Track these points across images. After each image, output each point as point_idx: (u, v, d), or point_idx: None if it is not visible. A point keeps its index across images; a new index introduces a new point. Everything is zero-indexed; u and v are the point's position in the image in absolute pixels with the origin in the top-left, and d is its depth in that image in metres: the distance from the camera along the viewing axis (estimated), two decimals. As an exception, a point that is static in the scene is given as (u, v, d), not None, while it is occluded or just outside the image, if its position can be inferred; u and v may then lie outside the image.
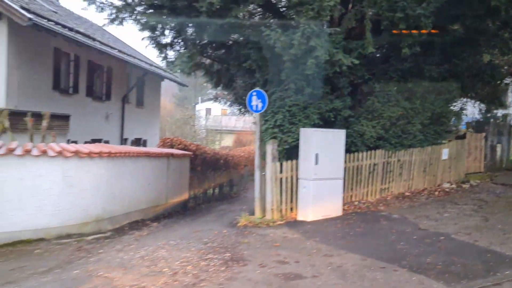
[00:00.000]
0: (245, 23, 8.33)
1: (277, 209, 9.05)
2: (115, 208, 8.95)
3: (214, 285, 5.48)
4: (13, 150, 7.20)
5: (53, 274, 5.88)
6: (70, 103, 16.02)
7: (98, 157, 8.27)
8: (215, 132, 46.02)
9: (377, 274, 5.94)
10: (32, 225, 7.39)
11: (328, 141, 8.97)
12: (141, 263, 6.26)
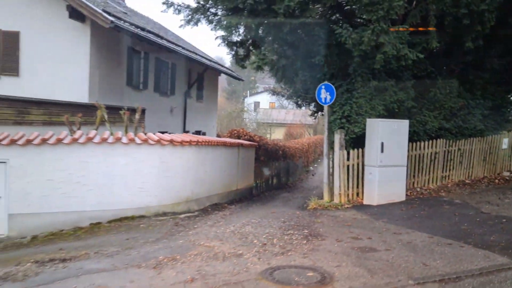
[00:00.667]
0: (318, 22, 9.08)
1: (345, 193, 9.79)
2: (200, 191, 9.99)
3: (300, 254, 6.33)
4: (119, 139, 8.35)
5: (162, 243, 6.94)
6: (140, 98, 17.28)
7: (188, 145, 9.33)
8: (266, 125, 46.90)
9: (445, 249, 6.59)
10: (135, 203, 8.54)
11: (392, 130, 9.60)
12: (233, 236, 7.21)
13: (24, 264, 5.96)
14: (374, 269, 5.71)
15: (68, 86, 13.43)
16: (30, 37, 14.01)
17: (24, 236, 7.82)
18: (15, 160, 8.02)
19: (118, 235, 7.51)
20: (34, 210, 8.07)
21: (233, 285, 5.10)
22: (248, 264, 5.83)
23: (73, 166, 8.31)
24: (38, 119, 10.01)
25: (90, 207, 8.32)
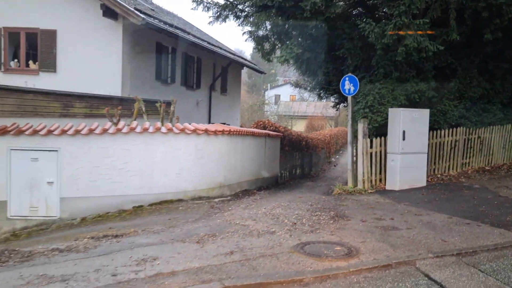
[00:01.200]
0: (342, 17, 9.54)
1: (368, 179, 10.29)
2: (232, 177, 10.64)
3: (327, 232, 6.91)
4: (159, 129, 9.05)
5: (201, 222, 7.60)
6: (168, 91, 17.98)
7: (221, 134, 9.99)
8: (287, 117, 47.36)
9: (463, 227, 7.09)
10: (174, 188, 9.24)
11: (413, 119, 10.05)
12: (265, 217, 7.83)
13: (82, 239, 6.69)
14: (396, 244, 6.26)
15: (101, 80, 14.17)
16: (66, 35, 14.80)
17: (74, 218, 8.59)
18: (65, 148, 8.78)
19: (160, 216, 8.21)
20: (83, 194, 8.84)
21: (268, 256, 5.72)
22: (280, 240, 6.44)
23: (117, 154, 9.05)
24: (80, 111, 10.77)
25: (133, 191, 9.05)
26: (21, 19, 15.04)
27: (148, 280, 4.89)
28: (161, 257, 5.65)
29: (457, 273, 5.29)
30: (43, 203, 8.64)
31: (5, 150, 8.52)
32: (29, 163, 8.59)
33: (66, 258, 5.74)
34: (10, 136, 8.54)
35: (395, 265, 5.58)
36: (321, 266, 5.44)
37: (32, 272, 5.18)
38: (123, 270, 5.20)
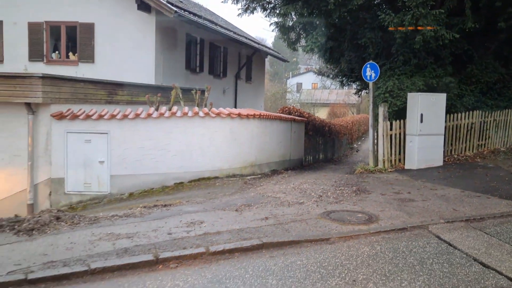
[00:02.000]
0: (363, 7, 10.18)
1: (388, 159, 11.02)
2: (262, 158, 11.51)
3: (350, 203, 7.72)
4: (197, 114, 9.97)
5: (237, 195, 8.51)
6: (197, 80, 18.91)
7: (252, 118, 10.87)
8: (309, 105, 47.90)
9: (473, 199, 7.82)
10: (210, 167, 10.17)
11: (431, 103, 10.70)
12: (294, 191, 8.69)
13: (135, 208, 7.66)
14: (412, 212, 7.05)
15: (136, 70, 15.16)
16: (103, 28, 15.83)
17: (122, 193, 9.60)
18: (114, 131, 9.77)
19: (200, 191, 9.15)
20: (130, 172, 9.83)
21: (298, 221, 6.58)
22: (309, 209, 7.29)
23: (160, 136, 10.01)
24: (123, 98, 11.75)
25: (174, 170, 10.00)
26: (62, 13, 16.12)
27: (198, 238, 5.82)
28: (207, 221, 6.57)
29: (464, 234, 6.07)
30: (95, 180, 9.68)
31: (62, 133, 9.57)
32: (83, 145, 9.63)
33: (127, 221, 6.72)
34: (66, 120, 9.58)
35: (410, 228, 6.37)
36: (345, 229, 6.28)
37: (101, 231, 6.17)
38: (176, 230, 6.14)
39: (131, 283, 4.66)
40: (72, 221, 6.62)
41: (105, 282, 4.74)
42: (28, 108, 9.48)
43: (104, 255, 5.25)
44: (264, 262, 5.18)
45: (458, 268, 4.94)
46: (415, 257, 5.26)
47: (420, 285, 4.51)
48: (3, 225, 6.23)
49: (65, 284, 4.71)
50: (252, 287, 4.50)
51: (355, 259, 5.23)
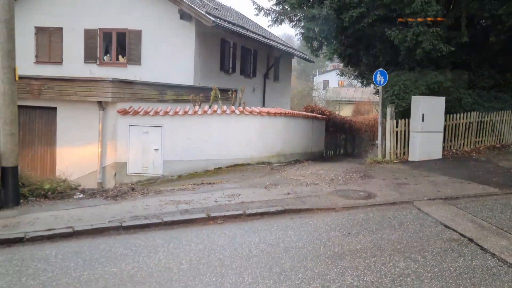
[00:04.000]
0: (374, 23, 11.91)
1: (394, 152, 12.77)
2: (286, 149, 13.47)
3: (356, 185, 9.59)
4: (234, 111, 12.03)
5: (265, 177, 10.49)
6: (230, 80, 20.89)
7: (279, 115, 12.85)
8: (335, 102, 49.26)
9: (456, 184, 9.57)
10: (243, 155, 12.19)
11: (431, 104, 12.38)
12: (311, 175, 10.61)
13: (187, 185, 9.75)
14: (404, 192, 8.88)
15: (177, 72, 16.99)
16: (149, 34, 17.89)
17: (173, 175, 11.71)
18: (167, 125, 11.87)
19: (235, 173, 11.19)
20: (179, 158, 11.92)
21: (313, 196, 8.51)
22: (322, 188, 9.22)
23: (203, 129, 12.06)
24: (170, 97, 13.86)
25: (214, 157, 12.02)
26: (113, 22, 18.28)
27: (237, 204, 7.83)
28: (243, 194, 8.58)
29: (439, 208, 7.87)
30: (151, 164, 11.82)
31: (126, 126, 11.72)
32: (142, 135, 11.76)
33: (183, 193, 8.80)
34: (129, 116, 11.74)
35: (399, 203, 8.20)
36: (348, 202, 8.18)
37: (165, 199, 8.25)
38: (220, 199, 8.16)
39: (192, 231, 6.71)
40: (143, 191, 8.75)
41: (174, 230, 6.79)
42: (99, 106, 11.68)
43: (171, 213, 7.32)
44: (285, 221, 7.16)
45: (427, 228, 6.80)
46: (397, 221, 7.14)
47: (396, 236, 6.40)
48: (95, 193, 8.41)
49: (146, 230, 6.78)
50: (276, 235, 6.48)
51: (352, 221, 7.15)
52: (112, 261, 5.61)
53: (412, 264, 5.43)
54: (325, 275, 5.14)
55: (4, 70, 7.30)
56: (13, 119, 7.52)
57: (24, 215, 7.31)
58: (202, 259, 5.64)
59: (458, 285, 4.88)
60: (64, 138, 12.07)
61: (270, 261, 5.56)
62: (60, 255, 5.83)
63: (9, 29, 7.26)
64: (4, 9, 7.14)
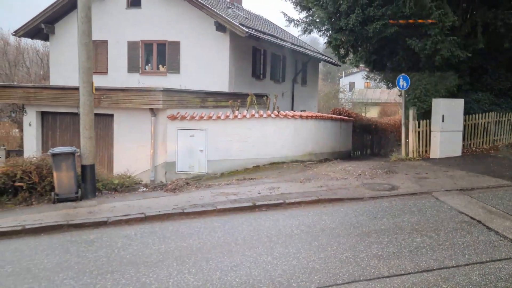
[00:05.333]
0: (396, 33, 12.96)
1: (416, 150, 13.78)
2: (317, 149, 14.64)
3: (381, 179, 10.70)
4: (269, 115, 13.34)
5: (299, 173, 11.70)
6: (261, 85, 22.15)
7: (310, 118, 14.08)
8: (361, 104, 49.83)
9: (472, 178, 10.58)
10: (278, 154, 13.43)
11: (451, 106, 13.36)
12: (340, 171, 11.76)
13: (231, 181, 11.08)
14: (423, 184, 9.96)
15: (213, 79, 18.23)
16: (187, 45, 19.27)
17: (216, 173, 13.05)
18: (210, 128, 13.22)
19: (272, 171, 12.46)
20: (221, 157, 13.26)
21: (343, 189, 9.69)
22: (350, 182, 10.38)
23: (242, 132, 13.35)
24: (211, 103, 15.23)
25: (252, 156, 13.29)
26: (154, 34, 19.78)
27: (278, 195, 9.07)
28: (281, 187, 9.84)
29: (455, 197, 8.94)
30: (197, 163, 13.20)
31: (174, 130, 13.14)
32: (188, 138, 13.15)
33: (229, 187, 10.12)
34: (177, 121, 13.16)
35: (419, 193, 9.27)
36: (373, 193, 9.31)
37: (216, 191, 9.57)
38: (262, 191, 9.43)
39: (241, 217, 7.98)
40: (195, 185, 10.12)
41: (226, 216, 8.09)
42: (151, 112, 13.14)
43: (222, 202, 8.62)
44: (319, 209, 8.37)
45: (442, 213, 7.91)
46: (416, 207, 8.26)
47: (415, 219, 7.53)
48: (156, 187, 9.83)
49: (204, 216, 8.08)
50: (313, 219, 7.69)
51: (377, 208, 8.32)
52: (181, 238, 6.96)
53: (427, 239, 6.56)
54: (354, 247, 6.34)
55: (84, 84, 8.77)
56: (91, 125, 8.99)
57: (102, 204, 8.76)
58: (254, 236, 6.93)
59: (464, 254, 6.00)
60: (120, 141, 13.60)
61: (309, 238, 6.80)
62: (138, 234, 7.21)
63: (88, 51, 8.72)
64: (84, 35, 8.61)
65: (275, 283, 5.26)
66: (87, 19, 8.53)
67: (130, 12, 20.18)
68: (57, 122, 14.93)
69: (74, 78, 19.23)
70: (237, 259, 6.05)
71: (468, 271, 5.47)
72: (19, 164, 9.14)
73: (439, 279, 5.25)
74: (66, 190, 8.83)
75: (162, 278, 5.53)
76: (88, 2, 8.55)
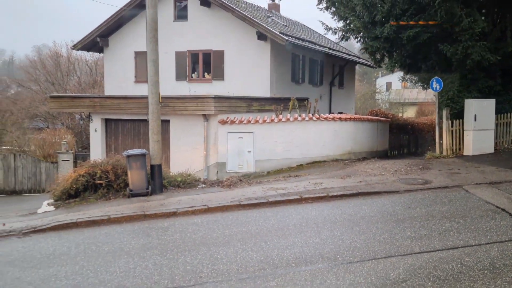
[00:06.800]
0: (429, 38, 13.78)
1: (450, 149, 14.51)
2: (355, 148, 15.59)
3: (415, 174, 11.57)
4: (311, 118, 14.47)
5: (340, 170, 12.65)
6: (299, 89, 23.07)
7: (349, 120, 15.10)
8: (398, 104, 49.86)
9: (501, 172, 11.28)
10: (319, 154, 14.49)
11: (483, 106, 14.01)
12: (378, 168, 12.67)
13: (278, 178, 12.24)
14: (455, 179, 10.79)
15: (255, 85, 19.16)
16: (230, 53, 20.40)
17: (263, 172, 14.24)
18: (257, 131, 14.42)
19: (315, 169, 13.54)
20: (267, 157, 14.43)
21: (380, 183, 10.67)
22: (387, 177, 11.31)
23: (286, 133, 14.48)
24: (255, 108, 16.44)
25: (296, 156, 14.38)
26: (200, 44, 21.06)
27: (321, 189, 10.15)
28: (324, 182, 10.92)
29: (484, 190, 9.72)
30: (245, 163, 14.44)
31: (224, 133, 14.43)
32: (237, 140, 14.41)
33: (277, 183, 11.28)
34: (227, 125, 14.45)
35: (450, 187, 10.10)
36: (408, 187, 10.23)
37: (266, 186, 10.75)
38: (307, 186, 10.51)
39: (290, 208, 9.09)
40: (248, 182, 11.34)
41: (277, 207, 9.21)
42: (204, 117, 14.49)
43: (273, 196, 9.76)
44: (359, 201, 9.38)
45: (470, 203, 8.75)
46: (447, 199, 9.15)
47: (445, 208, 8.42)
48: (213, 183, 11.13)
49: (258, 207, 9.22)
50: (354, 209, 8.73)
51: (411, 199, 9.26)
52: (241, 225, 8.16)
53: (455, 224, 7.48)
54: (391, 231, 7.34)
55: (153, 95, 10.15)
56: (158, 130, 10.35)
57: (169, 198, 10.11)
58: (302, 223, 8.04)
59: (486, 235, 6.88)
60: (176, 144, 15.02)
61: (351, 224, 7.85)
62: (204, 222, 8.46)
63: (156, 66, 10.10)
64: (153, 52, 9.99)
65: (324, 258, 6.33)
66: (155, 40, 9.90)
67: (177, 24, 21.44)
68: (119, 128, 16.54)
69: (125, 87, 21.06)
70: (290, 240, 7.16)
71: (488, 248, 6.36)
72: (97, 165, 10.61)
73: (462, 254, 6.18)
74: (138, 186, 10.22)
75: (230, 254, 6.70)
76: (155, 25, 9.92)
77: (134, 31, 21.70)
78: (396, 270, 5.76)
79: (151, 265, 6.49)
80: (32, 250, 7.58)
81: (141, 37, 21.27)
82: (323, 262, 6.20)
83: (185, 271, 6.17)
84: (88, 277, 6.20)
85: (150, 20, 9.65)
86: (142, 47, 21.36)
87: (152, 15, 9.68)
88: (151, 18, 9.67)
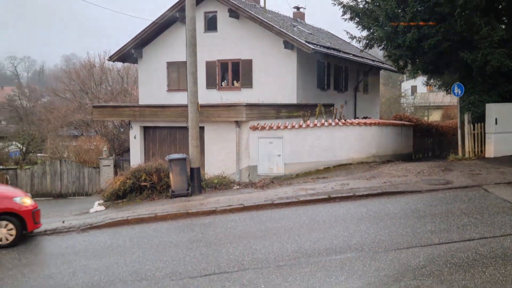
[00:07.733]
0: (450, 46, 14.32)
1: (472, 151, 14.94)
2: (380, 152, 16.17)
3: (437, 175, 12.10)
4: (337, 123, 15.21)
5: (365, 172, 13.26)
6: (325, 95, 23.68)
7: (373, 125, 15.77)
8: (423, 108, 49.73)
9: (521, 173, 11.86)
10: (345, 157, 15.16)
11: (503, 110, 14.39)
12: (402, 170, 13.16)
13: (307, 179, 12.99)
14: (476, 179, 11.28)
15: (282, 92, 19.76)
16: (258, 62, 21.09)
17: (292, 174, 14.99)
18: (286, 136, 15.18)
19: (341, 171, 14.20)
20: (295, 161, 15.16)
21: (403, 184, 11.26)
22: (410, 178, 11.88)
23: (313, 138, 15.18)
24: (284, 114, 17.23)
25: (323, 159, 15.05)
26: (229, 54, 21.83)
27: (348, 189, 10.83)
28: (350, 183, 11.59)
29: (503, 189, 10.23)
30: (275, 166, 15.23)
31: (255, 138, 15.25)
32: (267, 145, 15.21)
33: (307, 183, 12.00)
34: (258, 131, 15.28)
35: (470, 186, 10.60)
36: (430, 187, 10.81)
37: (296, 187, 11.47)
38: (335, 187, 11.19)
39: (320, 206, 9.79)
40: (279, 183, 12.13)
41: (307, 206, 9.92)
42: (236, 124, 15.37)
43: (303, 195, 10.50)
44: (384, 200, 10.01)
45: (488, 201, 9.27)
46: (467, 197, 9.68)
47: (465, 206, 8.97)
48: (247, 185, 11.95)
49: (289, 206, 9.93)
50: (378, 207, 9.39)
51: (433, 198, 9.85)
52: (275, 221, 8.94)
53: (473, 219, 8.05)
54: (412, 226, 7.98)
55: (192, 104, 11.06)
56: (197, 136, 11.25)
57: (208, 198, 10.98)
58: (331, 220, 8.75)
59: (501, 229, 7.43)
60: (210, 149, 15.95)
61: (376, 219, 8.53)
62: (241, 219, 9.27)
63: (194, 78, 11.01)
64: (192, 65, 10.91)
65: (352, 249, 7.04)
66: (193, 54, 10.82)
67: (207, 35, 22.17)
68: (156, 134, 17.59)
69: (157, 96, 22.02)
70: (320, 234, 7.89)
71: (501, 240, 6.94)
72: (142, 169, 11.58)
73: (478, 245, 6.77)
74: (179, 188, 11.12)
75: (267, 246, 7.47)
76: (194, 40, 10.85)
77: (166, 43, 22.65)
78: (417, 258, 6.40)
79: (198, 255, 7.30)
80: (92, 243, 8.52)
81: (173, 48, 22.42)
82: (351, 252, 6.89)
83: (229, 260, 6.96)
84: (145, 264, 7.05)
85: (189, 36, 10.58)
86: (173, 57, 22.59)
87: (191, 32, 10.61)
88: (191, 35, 10.60)
